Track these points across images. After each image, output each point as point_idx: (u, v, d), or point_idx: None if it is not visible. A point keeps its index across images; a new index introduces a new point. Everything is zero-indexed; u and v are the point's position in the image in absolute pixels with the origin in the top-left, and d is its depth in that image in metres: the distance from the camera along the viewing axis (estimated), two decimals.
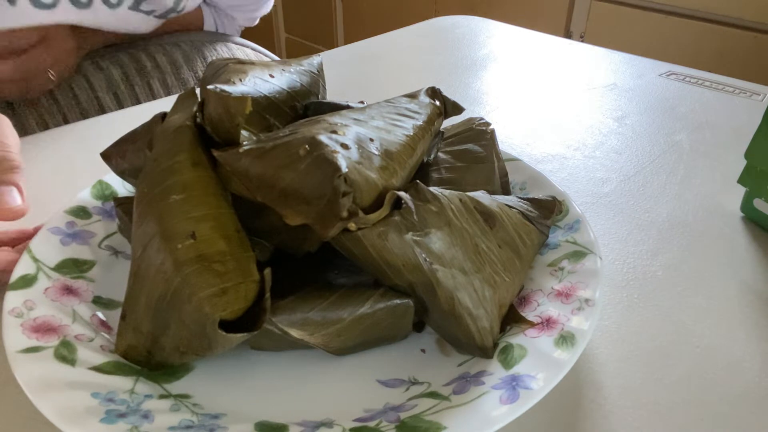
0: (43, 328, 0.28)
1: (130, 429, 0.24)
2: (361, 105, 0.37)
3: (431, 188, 0.30)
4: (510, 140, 0.54)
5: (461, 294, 0.28)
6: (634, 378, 0.30)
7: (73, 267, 0.33)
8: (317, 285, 0.30)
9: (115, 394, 0.26)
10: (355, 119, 0.32)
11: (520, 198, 0.36)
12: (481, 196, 0.32)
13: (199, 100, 0.31)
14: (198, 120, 0.31)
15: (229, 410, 0.27)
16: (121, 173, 0.37)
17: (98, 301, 0.32)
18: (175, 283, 0.26)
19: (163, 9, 0.63)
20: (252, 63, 0.36)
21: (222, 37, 0.75)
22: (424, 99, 0.38)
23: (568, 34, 1.49)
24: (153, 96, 0.67)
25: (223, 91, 0.29)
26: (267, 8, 0.79)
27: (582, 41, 1.07)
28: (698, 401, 0.29)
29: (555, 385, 0.26)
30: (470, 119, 0.41)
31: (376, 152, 0.30)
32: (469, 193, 0.32)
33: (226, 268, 0.26)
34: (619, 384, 0.30)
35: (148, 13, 0.63)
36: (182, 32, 0.71)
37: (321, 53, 0.61)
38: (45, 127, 0.61)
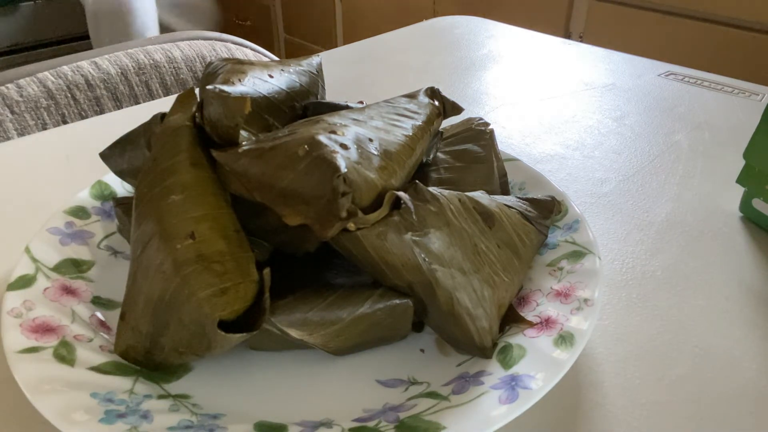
0: (42, 329, 0.28)
1: (129, 429, 0.24)
2: (360, 105, 0.37)
3: (430, 188, 0.30)
4: (509, 140, 0.54)
5: (460, 294, 0.28)
6: (633, 378, 0.30)
7: (72, 267, 0.33)
8: (316, 285, 0.30)
9: (114, 395, 0.26)
10: (354, 119, 0.32)
11: (519, 198, 0.36)
12: (480, 196, 0.32)
13: (198, 100, 0.31)
14: (197, 120, 0.31)
15: (228, 410, 0.27)
16: (120, 173, 0.37)
17: (97, 302, 0.32)
18: (175, 283, 0.26)
19: None
20: (251, 63, 0.36)
21: (221, 37, 0.75)
22: (423, 99, 0.38)
23: (567, 34, 1.49)
24: (152, 96, 0.67)
25: (222, 91, 0.29)
26: None
27: (581, 41, 1.07)
28: (697, 401, 0.29)
29: (554, 385, 0.26)
30: (469, 119, 0.41)
31: (375, 152, 0.30)
32: (468, 193, 0.32)
33: (226, 269, 0.26)
34: (618, 383, 0.30)
35: None
36: (181, 32, 0.71)
37: (320, 53, 0.61)
38: (44, 127, 0.61)
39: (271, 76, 0.36)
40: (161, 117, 0.34)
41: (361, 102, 0.39)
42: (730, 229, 0.42)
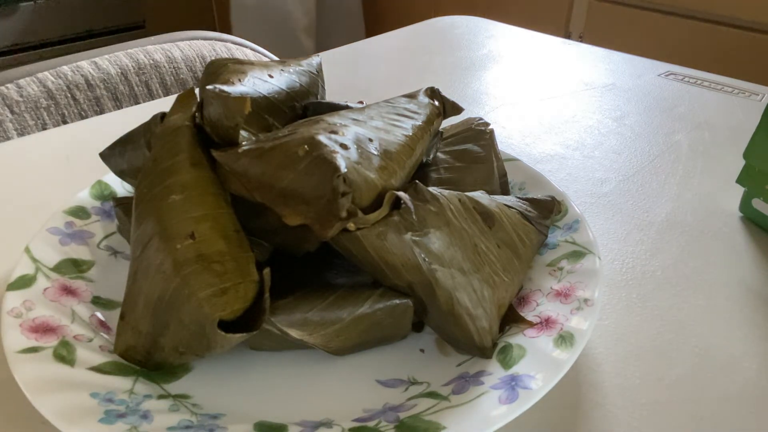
0: (42, 329, 0.28)
1: (129, 429, 0.24)
2: (360, 105, 0.37)
3: (430, 188, 0.30)
4: (509, 140, 0.54)
5: (460, 294, 0.28)
6: (633, 378, 0.30)
7: (72, 267, 0.33)
8: (316, 285, 0.30)
9: (114, 395, 0.26)
10: (354, 119, 0.32)
11: (519, 198, 0.36)
12: (480, 196, 0.32)
13: (198, 100, 0.31)
14: (197, 120, 0.31)
15: (228, 410, 0.27)
16: (120, 173, 0.37)
17: (97, 302, 0.32)
18: (175, 283, 0.26)
19: None
20: (251, 63, 0.36)
21: (221, 37, 0.75)
22: (423, 99, 0.38)
23: (567, 34, 1.49)
24: (152, 96, 0.67)
25: (222, 91, 0.29)
26: None
27: (581, 41, 1.07)
28: (697, 401, 0.29)
29: (554, 385, 0.26)
30: (469, 119, 0.41)
31: (375, 152, 0.30)
32: (468, 193, 0.32)
33: (226, 269, 0.26)
34: (618, 384, 0.30)
35: None
36: (181, 32, 0.72)
37: (320, 53, 0.61)
38: (44, 127, 0.61)
39: (271, 76, 0.36)
40: (161, 117, 0.34)
41: (361, 102, 0.39)
42: (730, 229, 0.42)
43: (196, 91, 0.32)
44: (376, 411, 0.27)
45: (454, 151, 0.38)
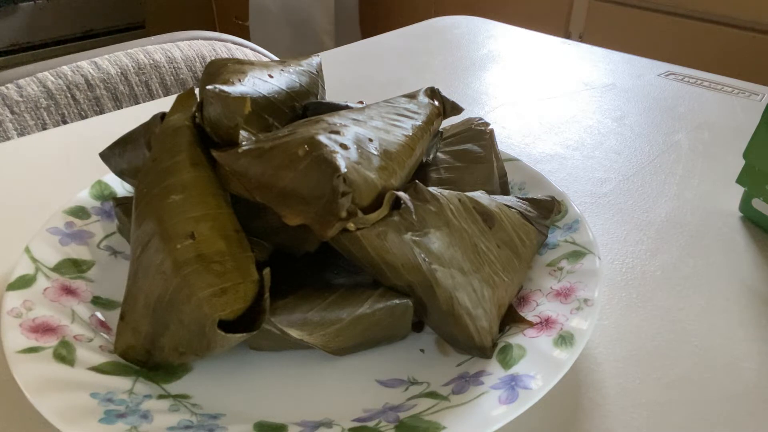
0: (42, 329, 0.28)
1: (129, 429, 0.24)
2: (360, 105, 0.37)
3: (430, 188, 0.30)
4: (509, 140, 0.54)
5: (460, 294, 0.28)
6: (633, 378, 0.30)
7: (72, 267, 0.33)
8: (316, 285, 0.30)
9: (114, 395, 0.26)
10: (354, 119, 0.32)
11: (519, 198, 0.36)
12: (480, 196, 0.32)
13: (198, 100, 0.31)
14: (197, 120, 0.31)
15: (228, 410, 0.27)
16: (120, 173, 0.37)
17: (97, 302, 0.32)
18: (174, 283, 0.26)
19: None
20: (251, 63, 0.36)
21: (221, 37, 0.75)
22: (423, 99, 0.38)
23: (567, 34, 1.49)
24: (152, 96, 0.67)
25: (222, 91, 0.29)
26: None
27: (581, 41, 1.07)
28: (697, 401, 0.29)
29: (554, 385, 0.26)
30: (469, 119, 0.41)
31: (375, 152, 0.30)
32: (468, 193, 0.32)
33: (225, 269, 0.26)
34: (618, 383, 0.30)
35: None
36: (181, 32, 0.72)
37: (320, 53, 0.61)
38: (44, 127, 0.61)
39: (271, 76, 0.36)
40: (161, 117, 0.34)
41: (361, 102, 0.39)
42: (730, 229, 0.42)
43: (196, 91, 0.32)
44: (376, 411, 0.27)
45: (454, 151, 0.38)
